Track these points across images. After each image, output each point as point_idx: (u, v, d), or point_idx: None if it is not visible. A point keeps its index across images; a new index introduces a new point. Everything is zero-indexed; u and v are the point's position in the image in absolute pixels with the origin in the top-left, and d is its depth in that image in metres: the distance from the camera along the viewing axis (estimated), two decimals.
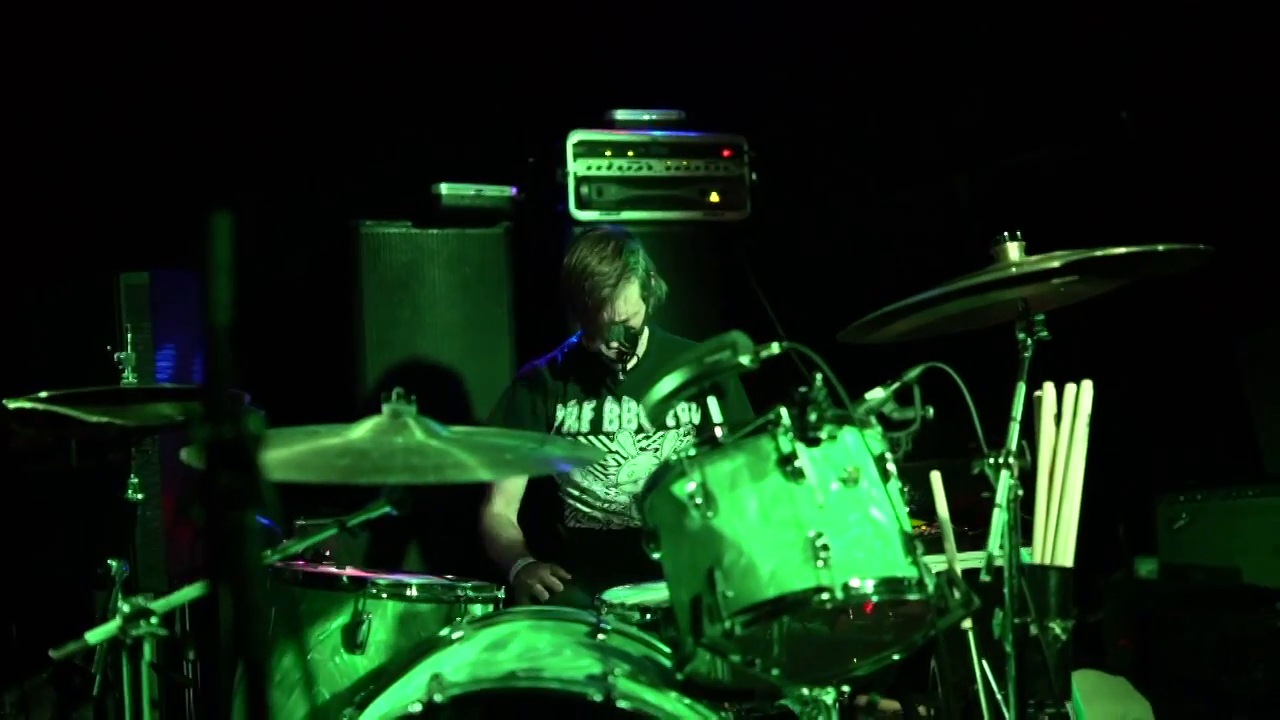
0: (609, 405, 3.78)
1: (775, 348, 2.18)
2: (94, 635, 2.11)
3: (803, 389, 2.17)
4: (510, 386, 3.87)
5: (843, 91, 5.20)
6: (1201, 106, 4.80)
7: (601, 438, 3.76)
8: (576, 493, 3.79)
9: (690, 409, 3.82)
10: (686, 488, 2.17)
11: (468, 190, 4.39)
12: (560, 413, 3.77)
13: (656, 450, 3.76)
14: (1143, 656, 4.44)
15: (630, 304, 3.61)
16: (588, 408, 3.78)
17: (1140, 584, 4.66)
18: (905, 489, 2.27)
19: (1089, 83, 4.96)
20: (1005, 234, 2.50)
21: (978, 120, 5.13)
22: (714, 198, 4.59)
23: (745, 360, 2.18)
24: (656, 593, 2.99)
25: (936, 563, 2.27)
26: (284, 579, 2.70)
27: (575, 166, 4.41)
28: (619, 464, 3.76)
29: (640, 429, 3.78)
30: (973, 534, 2.89)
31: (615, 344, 3.64)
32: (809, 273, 5.03)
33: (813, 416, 2.14)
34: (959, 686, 4.00)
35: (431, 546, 4.20)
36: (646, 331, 3.81)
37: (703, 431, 3.75)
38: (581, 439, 3.73)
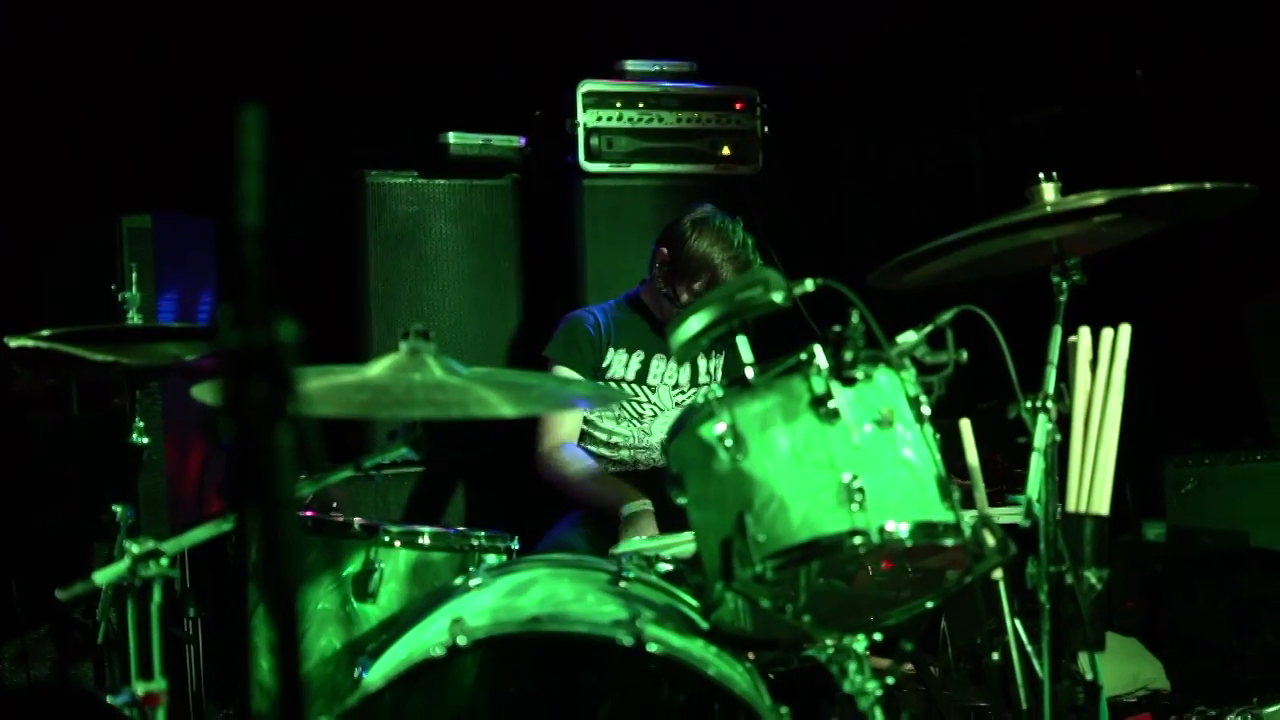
0: (656, 360, 3.81)
1: (809, 284, 2.11)
2: (102, 575, 2.04)
3: (837, 327, 2.10)
4: (567, 322, 3.85)
5: (853, 43, 5.13)
6: (1213, 71, 4.74)
7: (644, 388, 3.79)
8: (603, 436, 3.79)
9: (715, 367, 3.83)
10: (715, 429, 2.10)
11: (475, 140, 4.29)
12: (610, 356, 3.80)
13: None
14: (1150, 618, 4.43)
15: None
16: (635, 358, 3.81)
17: (1148, 546, 4.65)
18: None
19: (1102, 41, 4.90)
20: (1041, 174, 2.42)
21: (990, 77, 5.07)
22: (725, 151, 4.51)
23: (778, 297, 2.10)
24: (671, 542, 2.93)
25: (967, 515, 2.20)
26: None
27: (585, 117, 4.32)
28: (654, 415, 3.79)
29: (677, 385, 3.82)
30: (990, 491, 2.84)
31: None
32: (819, 227, 4.97)
33: (848, 355, 2.07)
34: (965, 649, 3.97)
35: (439, 503, 4.14)
36: None
37: (729, 373, 3.76)
38: (625, 387, 3.77)
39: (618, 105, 4.37)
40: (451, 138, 4.27)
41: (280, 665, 1.18)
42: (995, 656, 2.59)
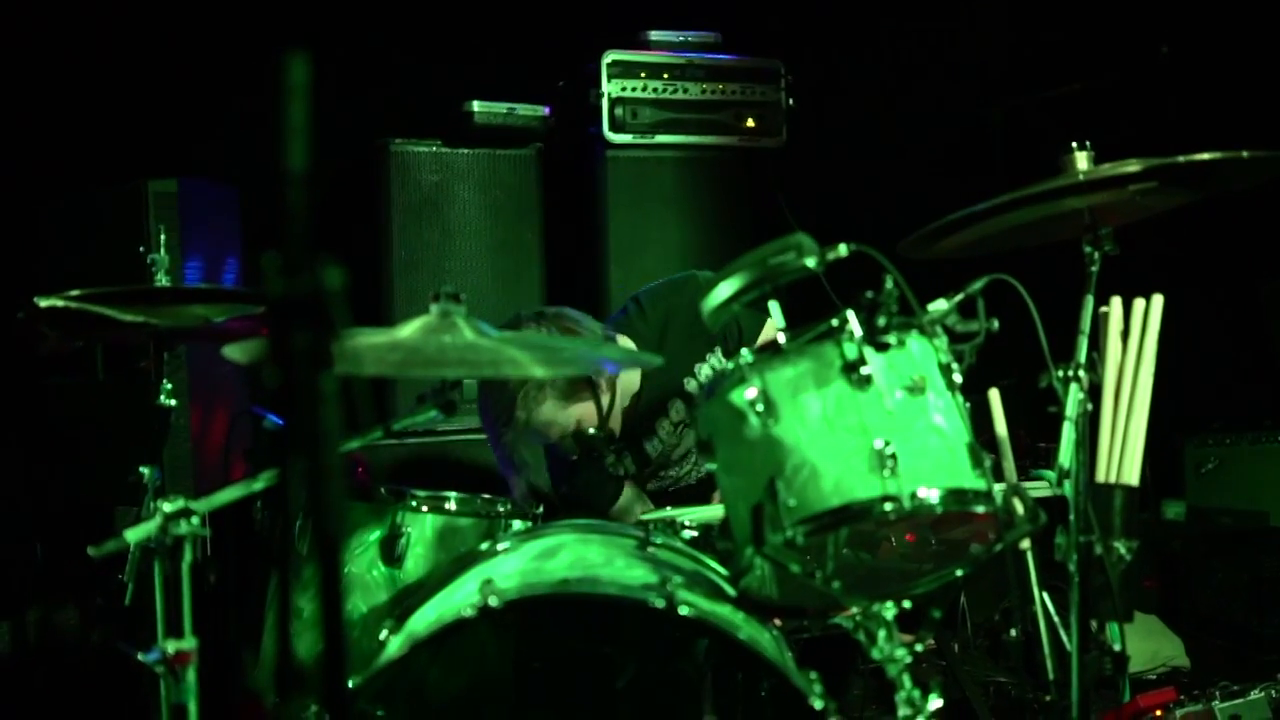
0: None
1: (843, 249, 2.09)
2: (133, 533, 2.03)
3: (869, 293, 2.09)
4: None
5: (877, 16, 5.10)
6: (1240, 47, 4.71)
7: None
8: None
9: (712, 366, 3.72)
10: (746, 394, 2.09)
11: (500, 109, 4.27)
12: None
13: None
14: (1170, 597, 4.42)
15: (555, 418, 3.12)
16: None
17: (1167, 526, 4.64)
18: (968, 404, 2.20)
19: (1127, 15, 4.86)
20: (1074, 143, 2.40)
21: (1012, 51, 5.05)
22: (750, 123, 4.49)
23: (810, 262, 2.09)
24: (698, 510, 2.92)
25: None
26: None
27: (609, 88, 4.30)
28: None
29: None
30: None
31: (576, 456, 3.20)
32: (842, 200, 4.95)
33: (881, 320, 2.06)
34: (984, 626, 3.97)
35: (461, 472, 4.14)
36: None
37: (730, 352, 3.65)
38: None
39: (642, 75, 4.36)
40: (476, 106, 4.25)
41: (324, 615, 1.18)
42: (1014, 633, 2.57)
